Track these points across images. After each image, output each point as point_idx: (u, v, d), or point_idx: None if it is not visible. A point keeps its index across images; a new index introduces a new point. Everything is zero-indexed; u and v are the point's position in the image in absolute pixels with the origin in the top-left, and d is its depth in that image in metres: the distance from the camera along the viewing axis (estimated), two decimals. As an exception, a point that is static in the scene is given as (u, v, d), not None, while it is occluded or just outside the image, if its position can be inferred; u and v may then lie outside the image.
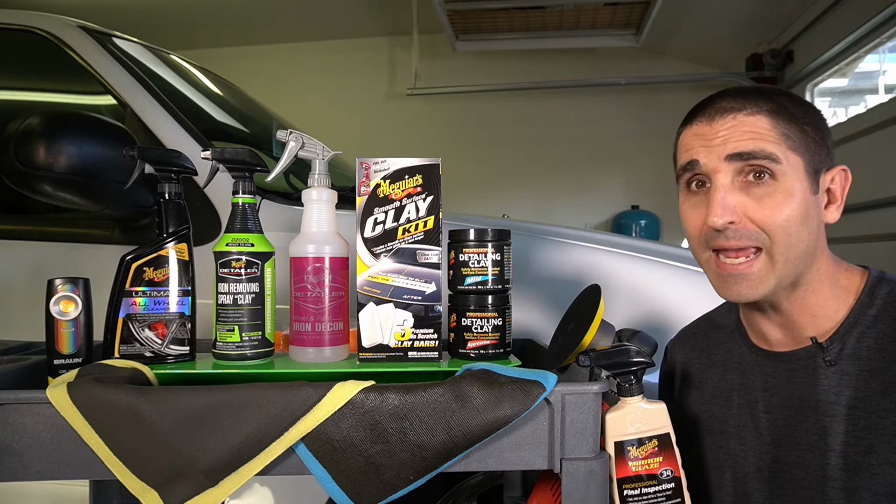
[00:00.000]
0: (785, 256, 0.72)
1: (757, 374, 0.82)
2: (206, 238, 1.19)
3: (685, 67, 4.45)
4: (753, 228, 0.72)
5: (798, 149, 0.73)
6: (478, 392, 0.65)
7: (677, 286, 1.25)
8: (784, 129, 0.72)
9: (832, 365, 0.74)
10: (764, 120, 0.73)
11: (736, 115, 0.73)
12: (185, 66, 1.78)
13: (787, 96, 0.76)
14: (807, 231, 0.73)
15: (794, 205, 0.72)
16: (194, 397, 0.65)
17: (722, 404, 0.85)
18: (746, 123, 0.73)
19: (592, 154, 4.62)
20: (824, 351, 0.75)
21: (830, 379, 0.74)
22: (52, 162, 1.09)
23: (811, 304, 0.76)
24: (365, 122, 4.65)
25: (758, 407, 0.81)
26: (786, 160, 0.72)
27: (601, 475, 0.68)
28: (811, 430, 0.75)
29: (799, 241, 0.72)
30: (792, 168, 0.72)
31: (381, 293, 0.80)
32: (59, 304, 0.76)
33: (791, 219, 0.72)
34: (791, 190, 0.72)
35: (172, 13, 4.17)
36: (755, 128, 0.72)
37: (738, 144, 0.72)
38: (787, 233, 0.72)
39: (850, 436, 0.72)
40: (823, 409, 0.74)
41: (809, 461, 0.74)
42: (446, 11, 3.64)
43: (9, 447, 0.65)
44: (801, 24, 3.72)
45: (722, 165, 0.73)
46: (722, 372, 0.87)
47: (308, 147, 0.84)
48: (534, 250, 1.29)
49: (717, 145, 0.74)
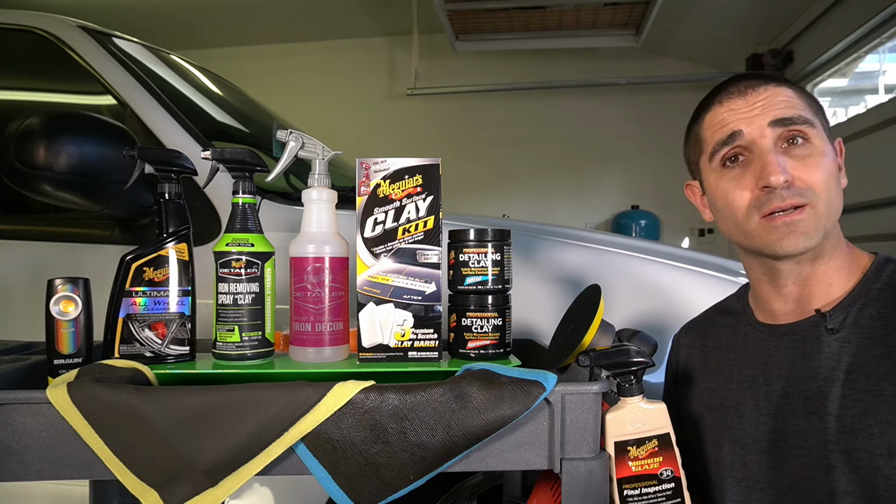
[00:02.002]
0: (827, 210, 0.77)
1: (760, 349, 0.84)
2: (206, 238, 1.19)
3: (685, 67, 4.45)
4: (803, 185, 0.76)
5: (818, 116, 0.80)
6: (478, 392, 0.65)
7: (677, 286, 1.25)
8: (806, 99, 0.81)
9: (834, 333, 0.76)
10: (790, 91, 0.80)
11: (767, 86, 0.80)
12: (185, 66, 1.78)
13: (788, 81, 0.83)
14: (836, 189, 0.78)
15: (827, 164, 0.77)
16: (194, 397, 0.65)
17: (723, 380, 0.87)
18: (780, 93, 0.79)
19: (592, 154, 4.62)
20: (827, 320, 0.77)
21: (831, 346, 0.76)
22: (52, 162, 1.09)
23: (830, 272, 0.79)
24: (365, 122, 4.65)
25: (758, 380, 0.82)
26: (818, 124, 0.79)
27: (601, 475, 0.68)
28: (810, 397, 0.76)
29: (836, 198, 0.78)
30: (820, 131, 0.79)
31: (381, 293, 0.80)
32: (59, 304, 0.76)
33: (829, 175, 0.77)
34: (824, 151, 0.78)
35: (172, 13, 4.17)
36: (788, 97, 0.79)
37: (779, 111, 0.78)
38: (827, 188, 0.77)
39: (847, 399, 0.73)
40: (823, 376, 0.75)
41: (807, 428, 0.76)
42: (446, 11, 3.64)
43: (9, 447, 0.65)
44: (801, 24, 3.72)
45: (767, 131, 0.78)
46: (725, 351, 0.89)
47: (308, 147, 0.84)
48: (534, 250, 1.29)
49: (758, 114, 0.79)
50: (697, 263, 1.36)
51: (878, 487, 0.69)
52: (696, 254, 1.52)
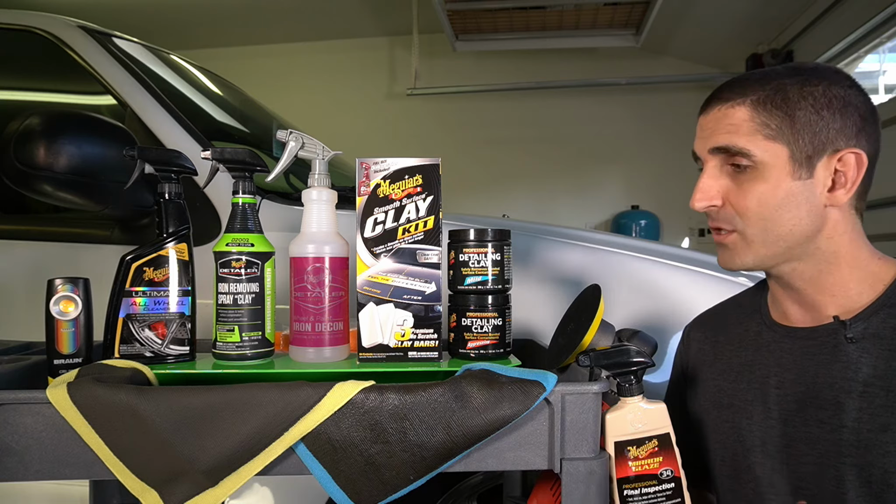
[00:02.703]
0: (762, 238, 0.76)
1: (773, 350, 0.82)
2: (206, 238, 1.20)
3: (685, 67, 4.44)
4: (731, 212, 0.78)
5: (780, 137, 0.74)
6: (478, 392, 0.65)
7: (677, 286, 1.25)
8: (765, 118, 0.74)
9: (853, 342, 0.74)
10: (743, 111, 0.75)
11: (721, 106, 0.78)
12: (185, 66, 1.78)
13: (798, 76, 0.75)
14: (788, 215, 0.75)
15: (768, 191, 0.75)
16: (194, 397, 0.65)
17: (732, 379, 0.86)
18: (728, 116, 0.77)
19: (592, 154, 4.62)
20: (846, 328, 0.74)
21: (850, 355, 0.74)
22: (52, 162, 1.09)
23: (828, 284, 0.77)
24: (365, 122, 4.64)
25: (769, 382, 0.81)
26: (760, 151, 0.74)
27: (601, 475, 0.68)
28: (823, 405, 0.74)
29: (778, 225, 0.75)
30: (769, 156, 0.74)
31: (381, 293, 0.80)
32: (59, 304, 0.76)
33: (764, 204, 0.75)
34: (767, 177, 0.75)
35: (172, 13, 4.17)
36: (734, 120, 0.76)
37: (718, 138, 0.77)
38: (761, 217, 0.75)
39: (864, 412, 0.71)
40: (839, 386, 0.73)
41: (818, 437, 0.74)
42: (446, 11, 3.64)
43: (9, 447, 0.65)
44: (801, 24, 3.72)
45: (708, 156, 0.79)
46: (737, 349, 0.87)
47: (308, 147, 0.84)
48: (534, 250, 1.29)
49: (705, 138, 0.79)
50: (697, 263, 1.36)
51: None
52: (696, 254, 1.52)
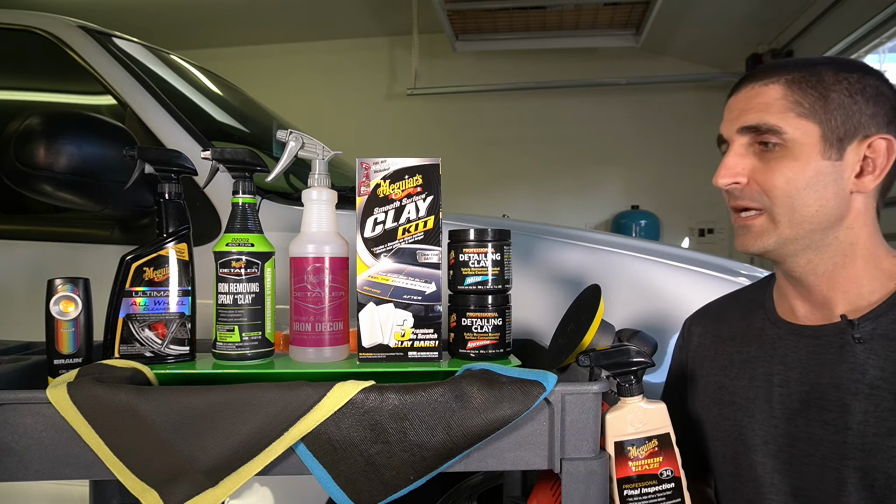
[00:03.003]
0: (788, 217, 0.75)
1: (777, 347, 0.81)
2: (206, 238, 1.20)
3: (685, 67, 4.44)
4: (757, 190, 0.76)
5: (813, 115, 0.74)
6: (478, 392, 0.65)
7: (677, 286, 1.25)
8: (798, 96, 0.74)
9: (861, 343, 0.72)
10: (776, 89, 0.75)
11: (753, 84, 0.77)
12: (185, 66, 1.78)
13: (833, 65, 0.75)
14: (814, 196, 0.74)
15: (797, 169, 0.74)
16: (194, 397, 0.65)
17: (734, 375, 0.84)
18: (759, 94, 0.76)
19: (592, 154, 4.62)
20: (854, 328, 0.73)
21: (857, 357, 0.72)
22: (52, 162, 1.09)
23: (841, 279, 0.76)
24: (365, 122, 4.64)
25: (773, 380, 0.79)
26: (791, 128, 0.74)
27: (601, 475, 0.68)
28: (828, 406, 0.73)
29: (804, 206, 0.74)
30: (800, 134, 0.74)
31: (381, 293, 0.80)
32: (59, 304, 0.76)
33: (792, 182, 0.74)
34: (797, 155, 0.74)
35: (172, 13, 4.17)
36: (765, 98, 0.76)
37: (748, 117, 0.76)
38: (788, 195, 0.74)
39: (870, 415, 0.70)
40: (846, 387, 0.72)
41: (821, 438, 0.73)
42: (446, 11, 3.64)
43: (9, 447, 0.65)
44: (801, 24, 3.72)
45: (735, 136, 0.78)
46: (739, 344, 0.86)
47: (308, 147, 0.84)
48: (534, 250, 1.29)
49: (734, 119, 0.78)
50: (697, 263, 1.36)
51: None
52: (696, 254, 1.52)
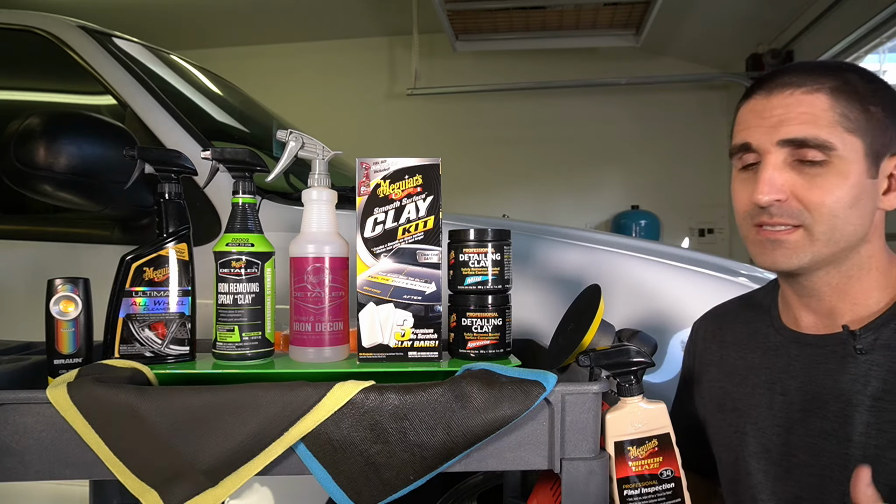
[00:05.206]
0: (828, 236, 0.71)
1: (780, 355, 0.80)
2: (206, 238, 1.20)
3: (685, 67, 4.44)
4: (798, 207, 0.71)
5: (858, 131, 0.70)
6: (478, 392, 0.65)
7: (677, 286, 1.25)
8: (844, 108, 0.70)
9: (863, 354, 0.71)
10: (823, 99, 0.70)
11: (794, 91, 0.71)
12: (185, 66, 1.78)
13: (858, 72, 0.72)
14: (856, 215, 0.71)
15: (846, 188, 0.69)
16: (194, 397, 0.65)
17: (738, 382, 0.84)
18: (804, 103, 0.70)
19: (592, 154, 4.62)
20: (856, 339, 0.72)
21: (859, 367, 0.71)
22: (52, 162, 1.09)
23: (854, 291, 0.74)
24: (365, 122, 4.64)
25: (775, 388, 0.79)
26: (841, 144, 0.69)
27: (601, 475, 0.68)
28: (829, 417, 0.73)
29: (846, 224, 0.71)
30: (848, 150, 0.69)
31: (381, 293, 0.80)
32: (59, 304, 0.76)
33: (840, 201, 0.70)
34: (845, 173, 0.69)
35: (172, 13, 4.17)
36: (813, 108, 0.70)
37: (791, 129, 0.70)
38: (833, 214, 0.70)
39: (871, 427, 0.69)
40: (847, 398, 0.72)
41: (822, 448, 0.73)
42: (446, 11, 3.64)
43: (9, 447, 0.65)
44: (801, 24, 3.71)
45: (773, 148, 0.72)
46: (744, 350, 0.85)
47: (308, 147, 0.84)
48: (534, 250, 1.29)
49: (771, 126, 0.72)
50: (697, 263, 1.36)
51: None
52: (696, 254, 1.53)
